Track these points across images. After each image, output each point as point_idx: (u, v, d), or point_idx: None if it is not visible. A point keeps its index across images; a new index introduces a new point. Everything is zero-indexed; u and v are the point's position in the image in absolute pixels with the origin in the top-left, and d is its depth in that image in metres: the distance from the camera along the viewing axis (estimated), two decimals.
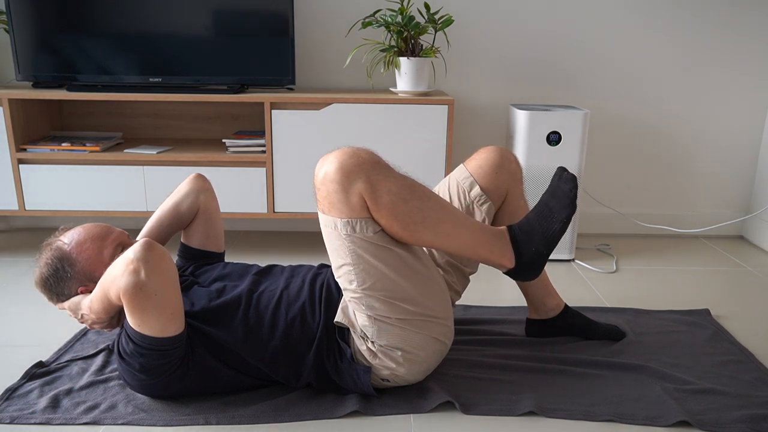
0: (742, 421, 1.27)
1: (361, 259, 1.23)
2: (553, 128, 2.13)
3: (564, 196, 1.30)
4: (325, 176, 1.19)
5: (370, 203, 1.20)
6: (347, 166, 1.18)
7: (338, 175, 1.18)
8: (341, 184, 1.18)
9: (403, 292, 1.25)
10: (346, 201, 1.19)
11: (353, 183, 1.18)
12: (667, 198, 2.59)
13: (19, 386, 1.38)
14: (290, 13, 2.16)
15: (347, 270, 1.24)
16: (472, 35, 2.40)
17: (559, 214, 1.29)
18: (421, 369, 1.34)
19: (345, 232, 1.21)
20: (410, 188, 1.22)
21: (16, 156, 2.11)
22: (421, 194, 1.24)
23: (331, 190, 1.19)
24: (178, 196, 1.55)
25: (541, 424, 1.28)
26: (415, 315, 1.27)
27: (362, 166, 1.18)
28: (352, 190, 1.18)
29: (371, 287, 1.24)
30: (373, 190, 1.18)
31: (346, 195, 1.18)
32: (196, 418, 1.27)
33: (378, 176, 1.19)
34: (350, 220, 1.20)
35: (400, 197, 1.20)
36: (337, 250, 1.24)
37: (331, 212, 1.21)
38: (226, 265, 1.49)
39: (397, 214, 1.21)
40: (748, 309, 1.87)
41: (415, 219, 1.22)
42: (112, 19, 2.15)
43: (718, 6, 2.37)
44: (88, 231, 1.34)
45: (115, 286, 1.15)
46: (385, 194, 1.19)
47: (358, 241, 1.22)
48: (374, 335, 1.27)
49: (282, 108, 2.10)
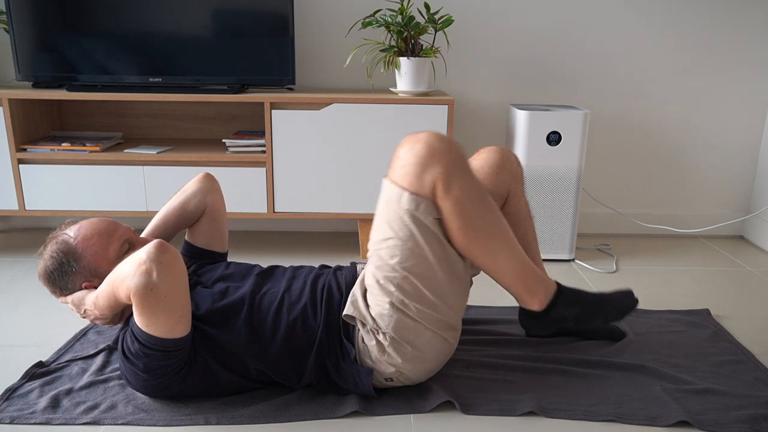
0: (742, 421, 1.27)
1: (412, 238, 1.23)
2: (553, 128, 2.13)
3: (622, 308, 1.35)
4: (411, 148, 1.22)
5: (440, 191, 1.22)
6: (435, 148, 1.20)
7: (424, 151, 1.20)
8: (422, 160, 1.21)
9: (437, 285, 1.26)
10: (420, 177, 1.21)
11: (433, 165, 1.20)
12: (667, 198, 2.59)
13: (19, 386, 1.38)
14: (290, 13, 2.16)
15: (393, 244, 1.24)
16: (472, 35, 2.41)
17: (607, 314, 1.35)
18: (426, 369, 1.34)
19: (408, 206, 1.23)
20: (481, 195, 1.26)
21: (16, 156, 2.12)
22: (489, 205, 1.27)
23: (411, 162, 1.21)
24: (185, 195, 1.55)
25: (541, 424, 1.28)
26: (436, 310, 1.27)
27: (448, 155, 1.21)
28: (430, 171, 1.20)
29: (411, 268, 1.24)
30: (448, 179, 1.21)
31: (422, 172, 1.21)
32: (196, 418, 1.27)
33: (458, 171, 1.22)
34: (417, 197, 1.22)
35: (470, 198, 1.23)
36: (390, 222, 1.25)
37: (401, 182, 1.23)
38: (229, 265, 1.49)
39: (461, 213, 1.23)
40: (748, 309, 1.87)
41: (474, 225, 1.24)
42: (112, 19, 2.15)
43: (718, 6, 2.37)
44: (95, 226, 1.34)
45: (125, 285, 1.15)
46: (457, 189, 1.22)
47: (416, 219, 1.23)
48: (389, 325, 1.26)
49: (282, 108, 2.10)
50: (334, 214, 2.20)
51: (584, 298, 1.37)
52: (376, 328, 1.28)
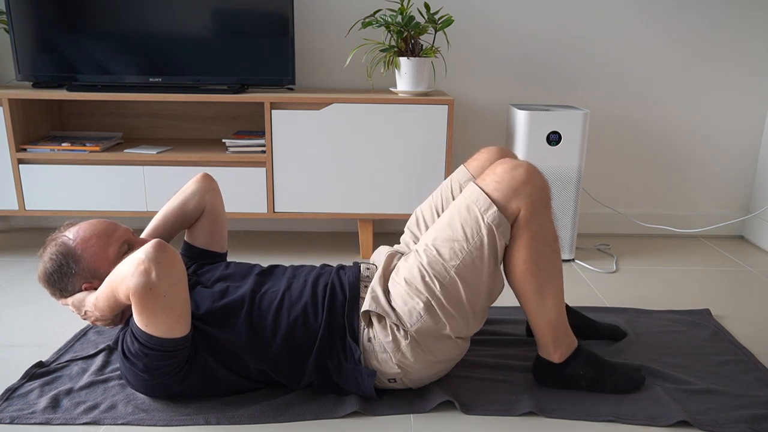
0: (742, 421, 1.27)
1: (479, 250, 1.26)
2: (553, 128, 2.13)
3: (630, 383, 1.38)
4: (511, 170, 1.26)
5: (522, 220, 1.26)
6: (532, 179, 1.26)
7: (523, 178, 1.25)
8: (518, 184, 1.25)
9: (477, 300, 1.29)
10: (508, 199, 1.25)
11: (525, 194, 1.25)
12: (667, 198, 2.59)
13: (19, 386, 1.38)
14: (290, 13, 2.16)
15: (459, 247, 1.26)
16: (472, 35, 2.41)
17: (617, 383, 1.38)
18: (431, 373, 1.35)
19: (491, 220, 1.25)
20: (554, 239, 1.31)
21: (16, 156, 2.11)
22: (557, 250, 1.32)
23: (506, 181, 1.25)
24: (184, 195, 1.55)
25: (541, 424, 1.28)
26: (465, 321, 1.30)
27: (541, 192, 1.27)
28: (520, 198, 1.25)
29: (465, 276, 1.26)
30: (532, 212, 1.25)
31: (513, 195, 1.25)
32: (196, 418, 1.27)
33: (543, 207, 1.27)
34: (502, 216, 1.25)
35: (543, 238, 1.28)
36: (465, 225, 1.26)
37: (493, 194, 1.26)
38: (229, 265, 1.49)
39: (532, 247, 1.27)
40: (748, 309, 1.87)
41: (537, 263, 1.28)
42: (112, 19, 2.15)
43: (718, 6, 2.37)
44: (94, 227, 1.34)
45: (125, 285, 1.15)
46: (537, 225, 1.26)
47: (491, 235, 1.25)
48: (414, 324, 1.27)
49: (282, 108, 2.10)
50: (334, 214, 2.20)
51: (599, 362, 1.39)
52: (397, 324, 1.28)
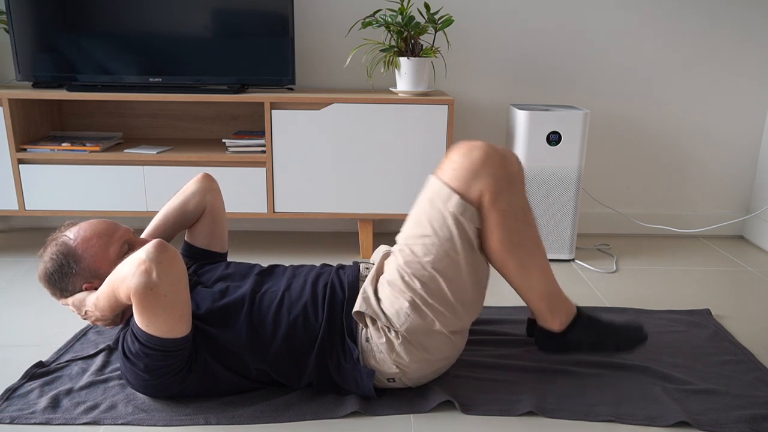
0: (742, 421, 1.27)
1: (451, 241, 1.24)
2: (553, 128, 2.13)
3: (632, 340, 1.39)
4: (468, 153, 1.24)
5: (487, 201, 1.23)
6: (492, 159, 1.23)
7: (480, 159, 1.23)
8: (477, 168, 1.22)
9: (461, 291, 1.27)
10: (470, 184, 1.23)
11: (487, 176, 1.22)
12: (667, 198, 2.59)
13: (19, 386, 1.38)
14: (290, 13, 2.16)
15: (431, 242, 1.25)
16: (472, 35, 2.41)
17: (620, 343, 1.39)
18: (429, 371, 1.34)
19: (455, 209, 1.24)
20: (525, 212, 1.28)
21: (16, 156, 2.12)
22: (531, 224, 1.29)
23: (464, 166, 1.23)
24: (185, 195, 1.55)
25: (541, 424, 1.28)
26: (454, 314, 1.28)
27: (502, 169, 1.23)
28: (481, 180, 1.22)
29: (442, 269, 1.25)
30: (497, 192, 1.23)
31: (473, 179, 1.23)
32: (196, 418, 1.27)
33: (508, 185, 1.24)
34: (466, 203, 1.23)
35: (514, 214, 1.26)
36: (431, 220, 1.25)
37: (452, 184, 1.24)
38: (229, 265, 1.49)
39: (504, 225, 1.25)
40: (748, 309, 1.87)
41: (514, 239, 1.26)
42: (112, 19, 2.15)
43: (718, 6, 2.37)
44: (94, 227, 1.34)
45: (125, 285, 1.15)
46: (505, 202, 1.24)
47: (459, 224, 1.24)
48: (404, 324, 1.26)
49: (282, 108, 2.10)
50: (334, 214, 2.20)
51: (600, 324, 1.39)
52: (388, 326, 1.28)
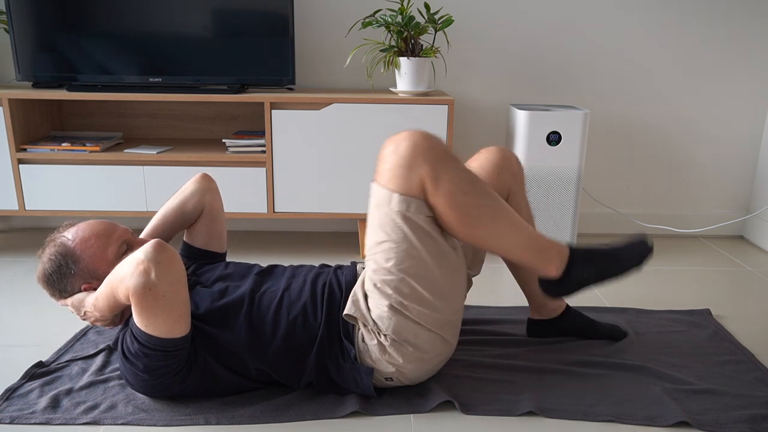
0: (742, 421, 1.27)
1: (406, 240, 1.23)
2: (553, 128, 2.13)
3: (638, 255, 1.32)
4: (396, 149, 1.21)
5: (430, 188, 1.21)
6: (419, 146, 1.20)
7: (408, 151, 1.20)
8: (408, 161, 1.20)
9: (434, 284, 1.26)
10: (408, 178, 1.20)
11: (420, 164, 1.20)
12: (667, 198, 2.59)
13: (19, 386, 1.38)
14: (290, 13, 2.16)
15: (388, 247, 1.24)
16: (472, 35, 2.41)
17: (626, 263, 1.32)
18: (426, 369, 1.34)
19: (399, 208, 1.22)
20: (471, 183, 1.24)
21: (16, 156, 2.12)
22: (481, 190, 1.25)
23: (396, 163, 1.21)
24: (183, 195, 1.55)
25: (541, 424, 1.28)
26: (435, 310, 1.27)
27: (433, 151, 1.20)
28: (417, 170, 1.20)
29: (407, 269, 1.24)
30: (436, 175, 1.20)
31: (409, 172, 1.20)
32: (196, 418, 1.27)
33: (444, 164, 1.21)
34: (407, 197, 1.21)
35: (461, 189, 1.22)
36: (383, 225, 1.24)
37: (389, 185, 1.22)
38: (228, 265, 1.49)
39: (456, 204, 1.22)
40: (748, 309, 1.87)
41: (471, 213, 1.23)
42: (112, 19, 2.15)
43: (718, 6, 2.37)
44: (93, 228, 1.34)
45: (124, 285, 1.15)
46: (447, 182, 1.21)
47: (408, 220, 1.22)
48: (389, 327, 1.26)
49: (282, 108, 2.10)
50: (334, 214, 2.20)
51: (599, 253, 1.34)
52: (376, 330, 1.28)
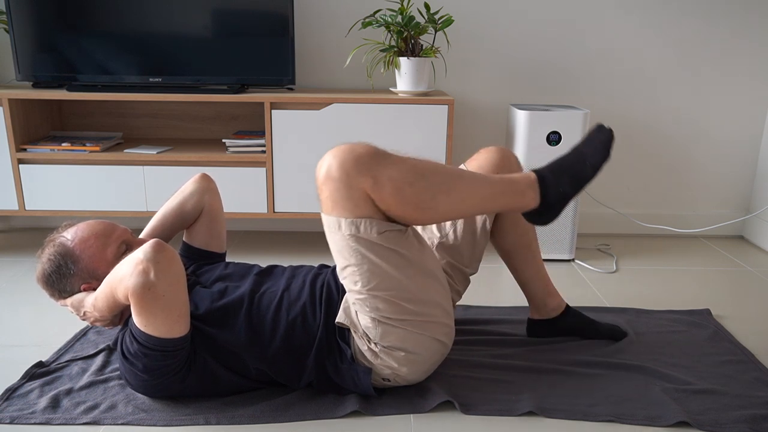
0: (742, 421, 1.27)
1: (366, 260, 1.22)
2: (553, 128, 2.13)
3: (600, 145, 1.28)
4: (327, 175, 1.18)
5: (375, 196, 1.18)
6: (346, 163, 1.16)
7: (339, 172, 1.16)
8: (343, 182, 1.16)
9: (407, 293, 1.25)
10: (350, 198, 1.17)
11: (355, 179, 1.16)
12: (667, 198, 2.59)
13: (19, 386, 1.38)
14: (290, 13, 2.16)
15: (352, 271, 1.23)
16: (472, 35, 2.40)
17: (593, 158, 1.27)
18: (423, 369, 1.34)
19: (349, 232, 1.20)
20: (413, 170, 1.19)
21: (16, 156, 2.12)
22: (425, 172, 1.21)
23: (333, 188, 1.18)
24: (182, 196, 1.55)
25: (541, 424, 1.28)
26: (418, 315, 1.27)
27: (361, 160, 1.16)
28: (355, 187, 1.16)
29: (376, 287, 1.23)
30: (375, 182, 1.17)
31: (349, 192, 1.17)
32: (196, 418, 1.27)
33: (378, 167, 1.17)
34: (354, 220, 1.19)
35: (405, 182, 1.18)
36: (341, 251, 1.23)
37: (335, 212, 1.20)
38: (228, 265, 1.49)
39: (406, 199, 1.19)
40: (748, 309, 1.87)
41: (425, 198, 1.20)
42: (112, 19, 2.15)
43: (718, 6, 2.37)
44: (92, 228, 1.34)
45: (123, 285, 1.15)
46: (388, 183, 1.17)
47: (362, 241, 1.20)
48: (377, 337, 1.27)
49: (282, 108, 2.10)
50: None
51: (565, 162, 1.30)
52: (366, 338, 1.29)
